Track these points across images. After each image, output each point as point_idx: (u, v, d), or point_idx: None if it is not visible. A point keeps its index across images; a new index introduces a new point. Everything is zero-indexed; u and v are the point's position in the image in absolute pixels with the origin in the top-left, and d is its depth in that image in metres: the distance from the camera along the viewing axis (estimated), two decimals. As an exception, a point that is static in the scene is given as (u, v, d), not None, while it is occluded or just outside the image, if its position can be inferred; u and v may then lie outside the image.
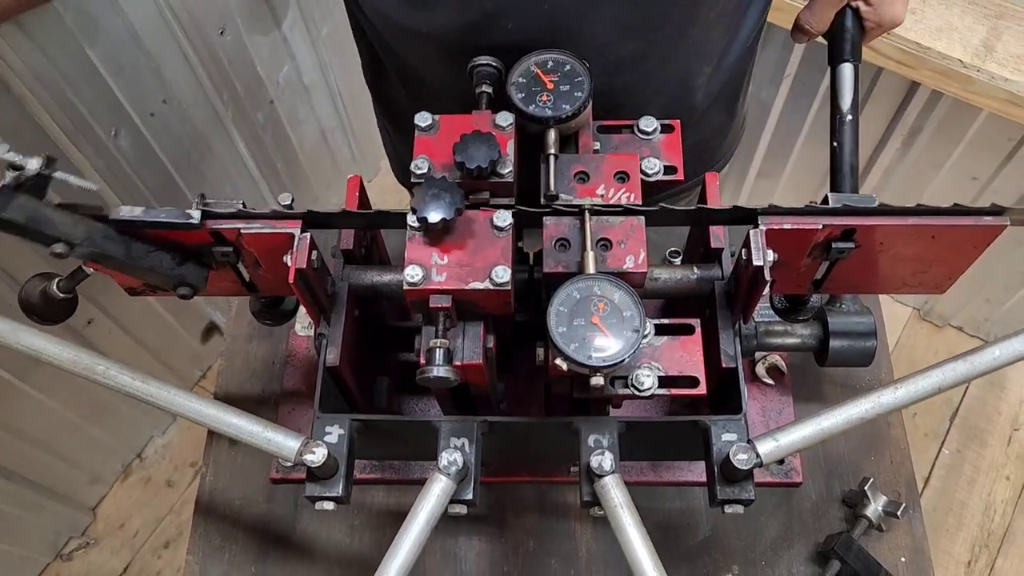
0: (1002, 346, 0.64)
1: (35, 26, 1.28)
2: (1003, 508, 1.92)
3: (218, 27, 1.60)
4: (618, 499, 0.61)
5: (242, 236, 0.66)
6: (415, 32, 0.78)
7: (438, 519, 0.63)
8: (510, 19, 0.71)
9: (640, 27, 0.76)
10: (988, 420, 2.02)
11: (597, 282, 0.59)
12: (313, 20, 1.83)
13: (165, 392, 0.66)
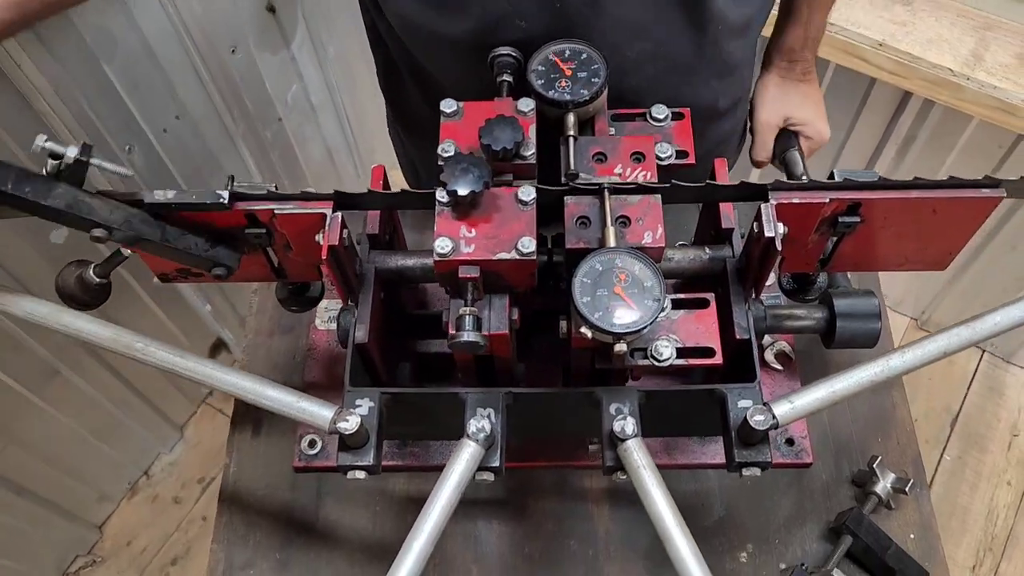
0: (1002, 312, 0.68)
1: (56, 42, 1.31)
2: (1005, 512, 1.94)
3: (230, 46, 1.64)
4: (640, 461, 0.64)
5: (276, 217, 0.69)
6: (434, 33, 0.82)
7: (467, 484, 0.65)
8: (524, 18, 0.75)
9: (645, 27, 0.80)
10: (988, 427, 2.05)
11: (618, 255, 0.63)
12: (321, 41, 1.87)
13: (203, 367, 0.69)
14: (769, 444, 0.67)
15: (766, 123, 1.03)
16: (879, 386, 0.69)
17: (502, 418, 0.68)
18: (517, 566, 0.89)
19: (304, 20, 1.80)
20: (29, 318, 0.72)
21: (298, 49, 1.82)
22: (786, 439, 0.91)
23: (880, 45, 1.51)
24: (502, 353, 0.69)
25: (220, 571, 0.90)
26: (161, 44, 1.51)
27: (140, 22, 1.45)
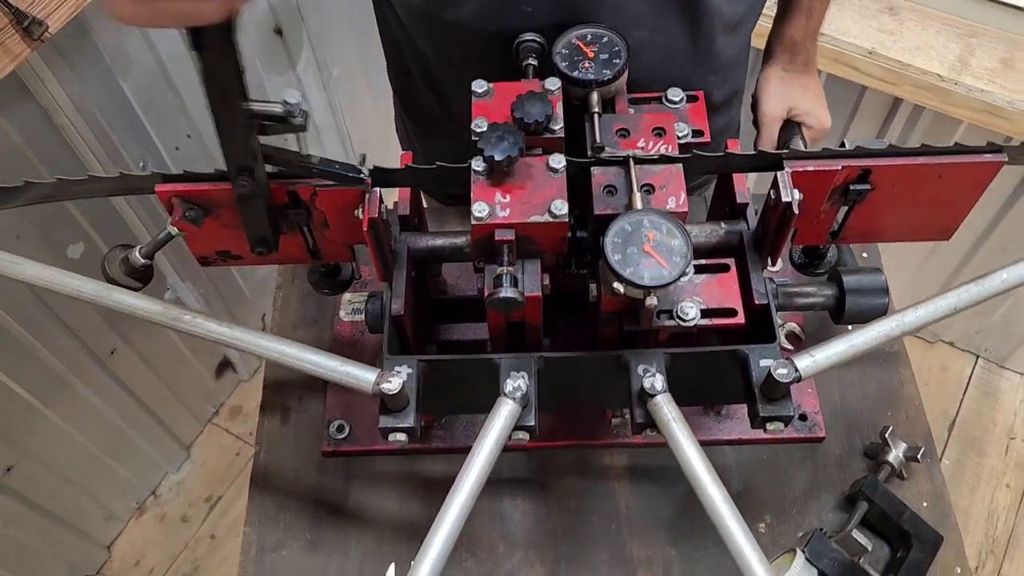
0: (1009, 270, 0.72)
1: (77, 59, 1.36)
2: (1005, 515, 1.97)
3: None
4: (671, 415, 0.67)
5: (316, 195, 0.72)
6: (441, 21, 0.86)
7: (505, 440, 0.68)
8: (529, 2, 0.80)
9: (644, 16, 0.85)
10: (984, 430, 2.08)
11: (646, 215, 0.66)
12: (325, 63, 1.92)
13: (249, 335, 0.72)
14: (791, 399, 0.70)
15: (771, 115, 1.07)
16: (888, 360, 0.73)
17: (534, 381, 0.71)
18: (542, 541, 0.91)
19: (309, 43, 1.86)
20: (78, 295, 0.75)
21: (303, 71, 1.87)
22: (800, 415, 0.95)
23: (870, 53, 1.57)
24: (533, 318, 0.72)
25: (253, 552, 0.91)
26: (175, 64, 1.56)
27: (156, 43, 1.50)
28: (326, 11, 1.84)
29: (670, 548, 0.90)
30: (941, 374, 2.16)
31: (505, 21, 0.81)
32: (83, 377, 1.69)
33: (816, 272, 0.87)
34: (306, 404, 1.00)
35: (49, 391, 1.62)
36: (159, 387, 1.93)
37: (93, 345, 1.67)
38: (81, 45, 1.35)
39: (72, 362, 1.64)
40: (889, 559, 0.87)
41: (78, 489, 1.83)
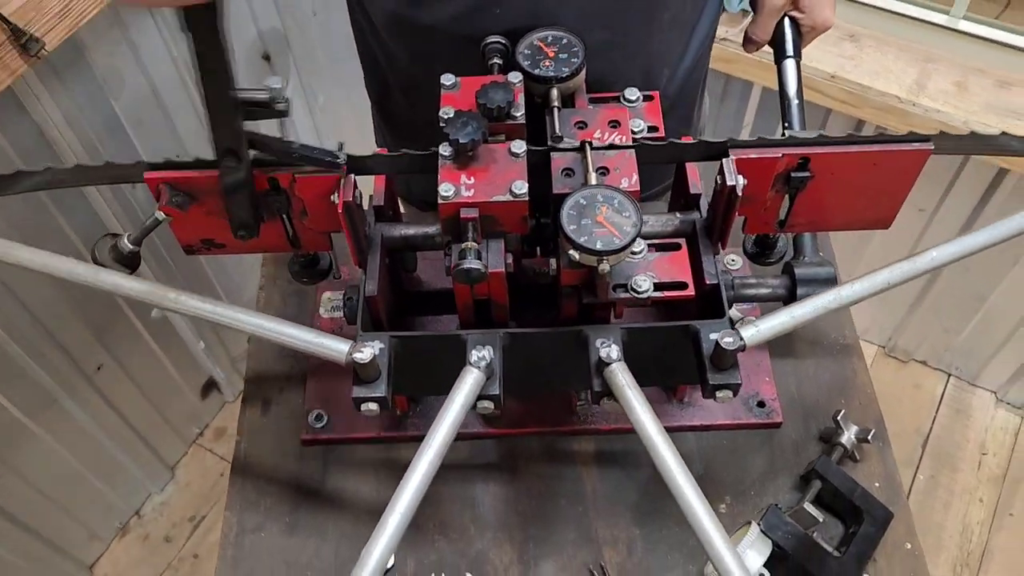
0: (939, 249, 0.77)
1: (70, 77, 1.42)
2: (979, 529, 2.00)
3: (228, 92, 1.75)
4: (625, 381, 0.72)
5: (296, 181, 0.77)
6: (414, 25, 0.92)
7: (471, 405, 0.73)
8: (499, 4, 0.86)
9: (604, 17, 0.91)
10: (957, 447, 2.13)
11: (600, 190, 0.72)
12: (312, 89, 1.99)
13: (229, 311, 0.76)
14: (738, 369, 0.75)
15: (772, 2, 1.00)
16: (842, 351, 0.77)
17: (499, 355, 0.76)
18: (511, 524, 0.95)
19: (296, 69, 1.93)
20: (70, 276, 0.80)
21: (290, 96, 1.93)
22: (758, 402, 0.99)
23: (832, 77, 1.65)
24: (498, 295, 0.77)
25: (233, 535, 0.95)
26: (165, 86, 1.62)
27: (147, 64, 1.56)
28: (312, 39, 1.91)
29: (634, 528, 0.94)
30: (914, 392, 2.21)
31: (476, 24, 0.87)
32: (70, 392, 1.71)
33: (768, 262, 0.92)
34: (286, 396, 1.04)
35: (36, 406, 1.65)
36: (145, 406, 1.96)
37: (80, 360, 1.71)
38: (75, 64, 1.40)
39: (59, 377, 1.67)
40: (843, 535, 0.91)
41: (61, 508, 1.85)
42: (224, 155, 0.73)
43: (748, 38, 1.07)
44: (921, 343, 2.19)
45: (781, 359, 1.04)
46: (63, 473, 1.80)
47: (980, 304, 2.00)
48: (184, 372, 2.04)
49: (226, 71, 0.66)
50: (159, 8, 0.59)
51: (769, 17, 1.03)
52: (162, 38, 1.54)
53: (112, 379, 1.82)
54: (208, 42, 0.63)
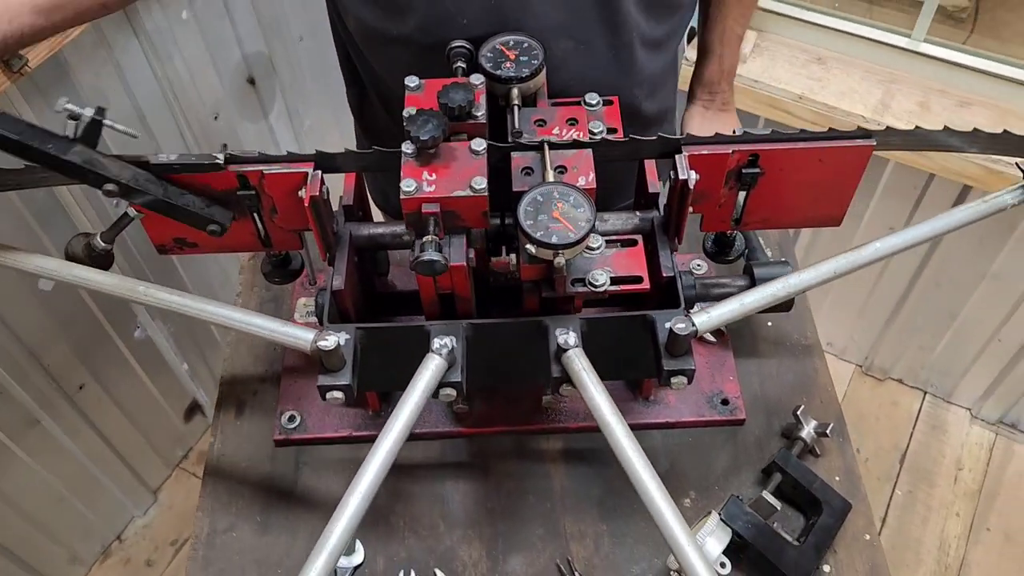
0: (882, 241, 0.80)
1: (54, 94, 1.45)
2: (956, 543, 2.02)
3: (213, 113, 1.79)
4: (582, 365, 0.74)
5: (264, 178, 0.80)
6: (387, 36, 0.96)
7: (432, 391, 0.75)
8: (465, 15, 0.90)
9: (567, 26, 0.95)
10: (934, 462, 2.15)
11: (556, 187, 0.75)
12: (297, 112, 2.03)
13: (198, 303, 0.79)
14: (692, 356, 0.78)
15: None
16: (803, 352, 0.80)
17: (462, 345, 0.79)
18: (480, 520, 0.96)
19: (281, 93, 1.97)
20: (39, 272, 0.82)
21: (276, 119, 1.98)
22: (721, 400, 1.02)
23: (800, 98, 1.69)
24: (461, 289, 0.80)
25: (204, 535, 0.96)
26: (151, 108, 1.65)
27: (133, 87, 1.59)
28: (298, 64, 1.95)
29: (601, 524, 0.96)
30: (892, 409, 2.23)
31: (444, 33, 0.91)
32: (51, 412, 1.72)
33: (727, 260, 0.96)
34: (260, 398, 1.06)
35: (17, 427, 1.66)
36: (128, 428, 1.96)
37: (62, 379, 1.72)
38: (60, 82, 1.44)
39: (40, 396, 1.68)
40: (803, 527, 0.93)
41: (43, 530, 1.84)
42: (107, 194, 0.77)
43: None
44: (897, 361, 2.22)
45: (745, 359, 1.07)
46: (45, 496, 1.80)
47: (951, 321, 2.03)
48: (168, 394, 2.05)
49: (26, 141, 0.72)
50: None
51: None
52: (146, 59, 1.58)
53: (95, 400, 1.83)
54: None
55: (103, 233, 0.86)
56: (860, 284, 2.07)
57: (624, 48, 1.00)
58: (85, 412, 1.81)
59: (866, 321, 2.17)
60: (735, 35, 1.16)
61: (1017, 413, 2.14)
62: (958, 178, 1.64)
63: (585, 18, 0.95)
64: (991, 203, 0.83)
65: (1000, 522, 2.05)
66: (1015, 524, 2.04)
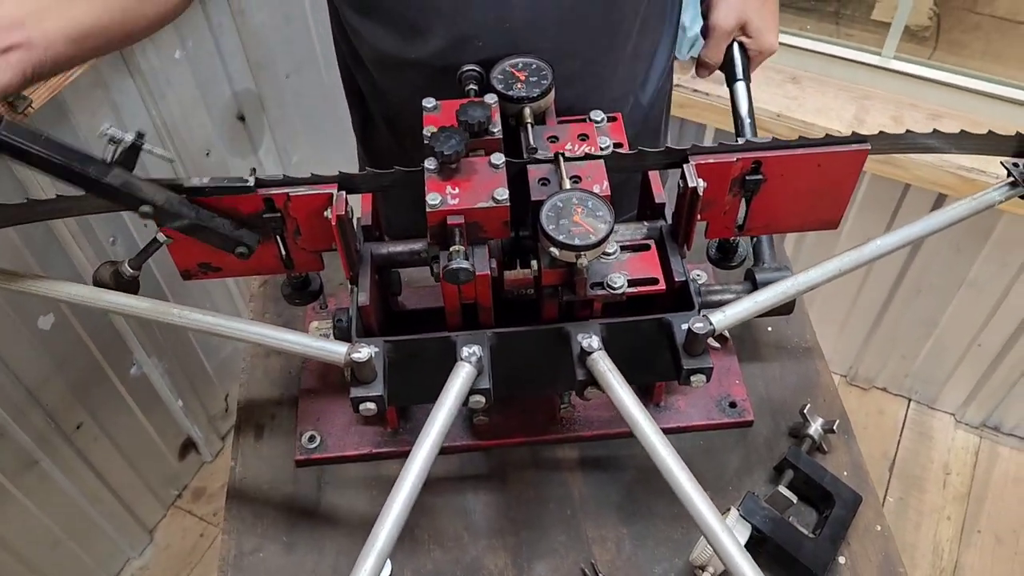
0: (883, 238, 0.85)
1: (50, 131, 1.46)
2: (949, 546, 2.06)
3: (204, 149, 1.82)
4: (607, 366, 0.77)
5: (290, 201, 0.83)
6: (405, 61, 1.00)
7: (464, 398, 0.78)
8: (480, 39, 0.94)
9: (574, 50, 1.00)
10: (923, 468, 2.19)
11: (575, 193, 0.78)
12: (285, 149, 2.06)
13: (232, 323, 0.81)
14: (709, 355, 0.81)
15: (721, 27, 1.09)
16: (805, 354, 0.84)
17: (487, 353, 0.81)
18: (504, 530, 0.98)
19: (270, 130, 2.00)
20: (71, 299, 0.84)
21: (265, 155, 2.01)
22: (729, 403, 1.05)
23: (778, 116, 1.76)
24: (484, 299, 0.83)
25: (231, 557, 0.97)
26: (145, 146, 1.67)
27: (129, 125, 1.61)
28: (285, 100, 1.99)
29: (621, 527, 0.98)
30: (878, 418, 2.28)
31: (459, 56, 0.95)
32: (50, 452, 1.72)
33: (731, 266, 1.00)
34: (279, 421, 1.08)
35: (16, 468, 1.65)
36: (124, 467, 1.96)
37: (60, 418, 1.71)
38: (59, 123, 1.46)
39: (39, 437, 1.68)
40: (817, 521, 0.96)
41: (38, 573, 1.82)
42: (143, 216, 0.79)
43: (701, 62, 1.16)
44: (881, 370, 2.27)
45: (749, 363, 1.10)
46: (40, 537, 1.79)
47: (932, 329, 2.09)
48: (163, 432, 2.05)
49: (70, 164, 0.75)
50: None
51: (720, 41, 1.12)
52: (141, 98, 1.61)
53: (92, 439, 1.82)
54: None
55: (131, 260, 0.88)
56: (842, 295, 2.13)
57: (623, 63, 1.05)
58: (83, 451, 1.81)
59: (849, 332, 2.22)
60: None
61: (1000, 416, 2.20)
62: (933, 187, 1.70)
63: (592, 37, 0.99)
64: (980, 200, 0.88)
65: (990, 524, 2.10)
66: (1005, 525, 2.09)
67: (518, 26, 0.94)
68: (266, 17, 1.84)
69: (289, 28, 1.93)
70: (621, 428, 1.00)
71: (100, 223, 1.63)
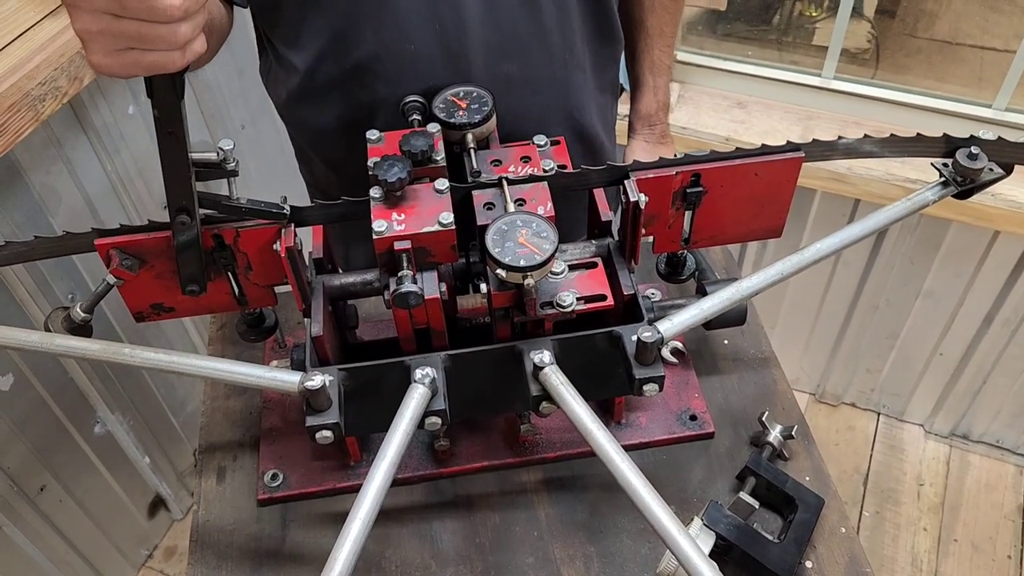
0: (823, 242, 0.87)
1: (6, 194, 1.47)
2: (928, 557, 2.07)
3: (161, 203, 1.82)
4: (559, 380, 0.78)
5: (239, 236, 0.84)
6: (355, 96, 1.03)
7: (419, 420, 0.78)
8: (411, 42, 0.97)
9: (508, 51, 1.02)
10: (896, 481, 2.21)
11: (519, 216, 0.80)
12: (243, 199, 2.07)
13: (184, 359, 0.81)
14: (661, 363, 0.82)
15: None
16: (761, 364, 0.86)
17: (442, 375, 0.82)
18: (471, 555, 0.98)
19: (227, 180, 2.00)
20: (21, 346, 0.83)
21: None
22: (690, 416, 1.06)
23: (727, 140, 1.80)
24: (436, 322, 0.83)
25: (196, 602, 0.95)
26: (101, 200, 1.68)
27: (84, 181, 1.62)
28: (241, 151, 2.00)
29: (589, 546, 0.98)
30: (848, 434, 2.30)
31: (396, 62, 0.99)
32: (11, 516, 1.68)
33: (680, 279, 1.01)
34: (240, 463, 1.07)
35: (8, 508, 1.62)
36: (91, 528, 1.92)
37: (22, 481, 1.68)
38: (11, 182, 1.46)
39: (3, 504, 1.64)
40: (781, 526, 0.97)
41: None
42: (178, 213, 0.79)
43: None
44: (848, 386, 2.30)
45: (707, 376, 1.12)
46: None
47: (894, 341, 2.13)
48: (130, 490, 2.01)
49: (182, 135, 0.73)
50: (130, 77, 0.67)
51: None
52: (95, 154, 1.61)
53: (56, 501, 1.79)
54: (167, 108, 0.71)
55: (82, 304, 0.88)
56: (803, 314, 2.16)
57: (563, 71, 1.07)
58: (47, 514, 1.77)
59: (813, 350, 2.25)
60: (664, 65, 1.24)
61: (967, 424, 2.23)
62: (881, 200, 1.74)
63: (518, 39, 1.02)
64: (914, 200, 0.91)
65: (967, 533, 2.11)
66: (981, 533, 2.10)
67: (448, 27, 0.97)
68: (218, 71, 1.86)
69: (242, 81, 1.95)
70: (583, 448, 1.01)
71: (56, 277, 1.62)
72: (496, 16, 0.99)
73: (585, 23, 1.08)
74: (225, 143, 0.79)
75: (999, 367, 2.04)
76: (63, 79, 1.38)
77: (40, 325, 1.57)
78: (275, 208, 0.82)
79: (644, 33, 1.23)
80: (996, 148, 0.92)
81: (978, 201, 1.48)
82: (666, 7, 1.21)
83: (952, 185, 0.93)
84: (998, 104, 1.74)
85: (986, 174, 0.91)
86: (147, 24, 0.62)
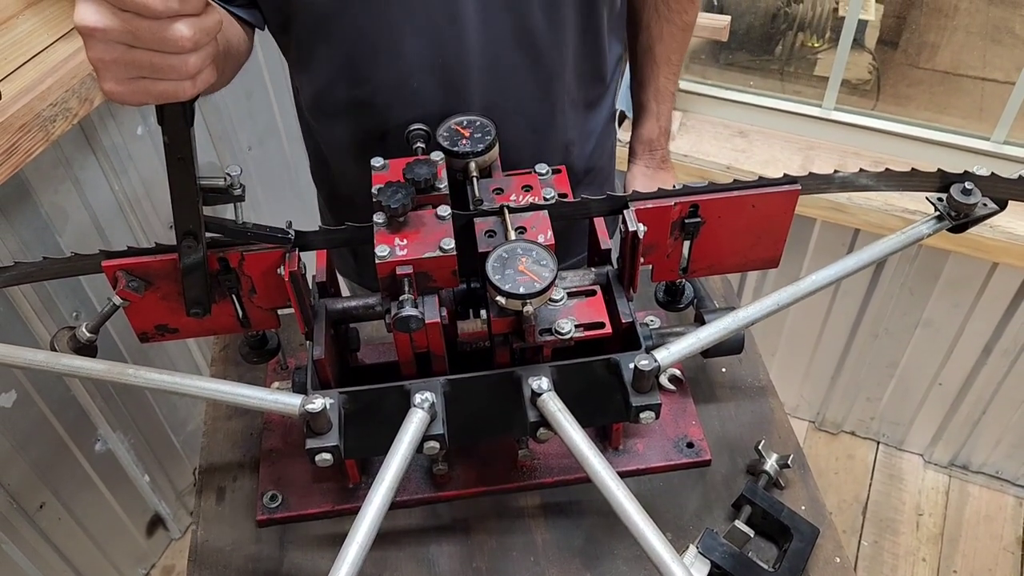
0: (818, 273, 0.88)
1: (15, 213, 1.49)
2: (926, 588, 2.06)
3: (167, 223, 1.84)
4: (557, 406, 0.79)
5: (244, 260, 0.85)
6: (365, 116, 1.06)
7: (418, 444, 0.79)
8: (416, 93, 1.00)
9: (506, 92, 1.04)
10: (895, 511, 2.21)
11: (519, 244, 0.81)
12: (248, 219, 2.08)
13: (187, 380, 0.82)
14: (657, 392, 0.83)
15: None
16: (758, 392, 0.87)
17: (441, 400, 0.83)
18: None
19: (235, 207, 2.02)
20: (28, 365, 0.85)
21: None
22: (687, 443, 1.07)
23: (727, 168, 1.82)
24: (436, 346, 0.85)
25: (194, 622, 0.96)
26: (108, 220, 1.70)
27: (91, 201, 1.64)
28: (248, 173, 2.02)
29: (584, 572, 0.98)
30: (848, 462, 2.30)
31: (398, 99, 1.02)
32: (10, 533, 1.69)
33: (678, 307, 1.02)
34: (240, 484, 1.08)
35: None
36: (89, 547, 1.92)
37: (21, 498, 1.69)
38: (20, 200, 1.48)
39: (3, 521, 1.65)
40: (776, 555, 0.97)
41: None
42: (184, 236, 0.81)
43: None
44: (847, 415, 2.30)
45: (705, 404, 1.13)
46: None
47: (893, 370, 2.13)
48: (129, 509, 2.02)
49: (190, 161, 0.75)
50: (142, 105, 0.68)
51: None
52: (104, 174, 1.63)
53: (55, 519, 1.79)
54: (177, 135, 0.72)
55: (88, 323, 0.89)
56: (803, 343, 2.17)
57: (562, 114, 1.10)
58: (45, 532, 1.78)
59: (813, 379, 2.26)
60: (668, 92, 1.26)
61: (967, 454, 2.23)
62: (880, 230, 1.76)
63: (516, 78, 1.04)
64: (909, 234, 0.92)
65: (965, 564, 2.11)
66: (980, 564, 2.10)
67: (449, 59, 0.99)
68: (226, 93, 1.89)
69: (250, 102, 1.98)
70: (580, 474, 1.02)
71: (61, 296, 1.63)
72: (496, 63, 1.02)
73: (581, 65, 1.11)
74: (232, 169, 0.81)
75: (998, 397, 2.05)
76: (74, 100, 1.40)
77: (45, 342, 1.59)
78: (280, 233, 0.84)
79: (652, 61, 1.24)
80: (989, 184, 0.93)
81: (976, 233, 1.49)
82: (675, 36, 1.23)
83: (947, 219, 0.94)
84: (996, 137, 1.76)
85: (980, 209, 0.93)
86: (159, 54, 0.64)
